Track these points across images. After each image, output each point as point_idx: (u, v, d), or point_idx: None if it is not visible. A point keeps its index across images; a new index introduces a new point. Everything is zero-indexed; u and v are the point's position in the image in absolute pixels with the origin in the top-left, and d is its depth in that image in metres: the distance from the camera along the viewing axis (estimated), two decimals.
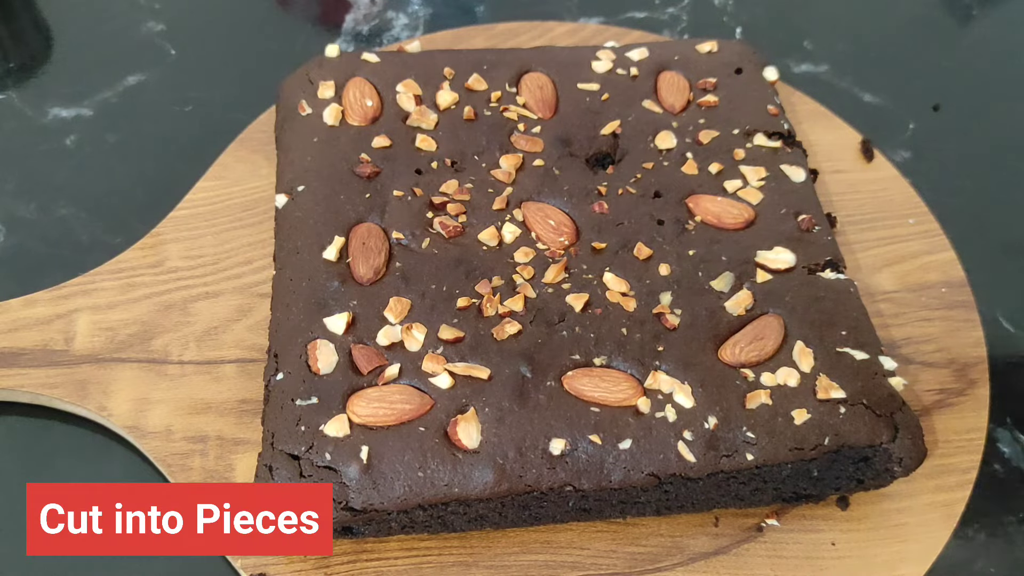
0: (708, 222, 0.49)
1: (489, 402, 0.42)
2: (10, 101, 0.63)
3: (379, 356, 0.43)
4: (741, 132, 0.53)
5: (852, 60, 0.68)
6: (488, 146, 0.51)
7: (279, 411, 0.42)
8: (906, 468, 0.43)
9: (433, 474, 0.40)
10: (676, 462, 0.41)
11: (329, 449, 0.41)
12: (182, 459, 0.45)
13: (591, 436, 0.41)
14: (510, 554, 0.43)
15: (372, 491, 0.40)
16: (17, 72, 0.65)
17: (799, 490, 0.44)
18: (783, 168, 0.52)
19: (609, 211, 0.49)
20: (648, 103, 0.54)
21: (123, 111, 0.62)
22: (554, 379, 0.43)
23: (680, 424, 0.42)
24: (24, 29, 0.68)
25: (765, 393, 0.43)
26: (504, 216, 0.49)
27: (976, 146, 0.63)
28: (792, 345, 0.44)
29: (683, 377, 0.43)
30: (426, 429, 0.41)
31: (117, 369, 0.48)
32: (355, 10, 0.70)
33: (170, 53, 0.65)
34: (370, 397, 0.42)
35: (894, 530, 0.45)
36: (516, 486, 0.41)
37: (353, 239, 0.47)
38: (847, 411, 0.42)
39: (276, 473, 0.41)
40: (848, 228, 0.55)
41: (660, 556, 0.44)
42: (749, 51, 0.57)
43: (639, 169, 0.51)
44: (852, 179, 0.58)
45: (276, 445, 0.41)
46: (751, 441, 0.42)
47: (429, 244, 0.47)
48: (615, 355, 0.44)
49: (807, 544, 0.44)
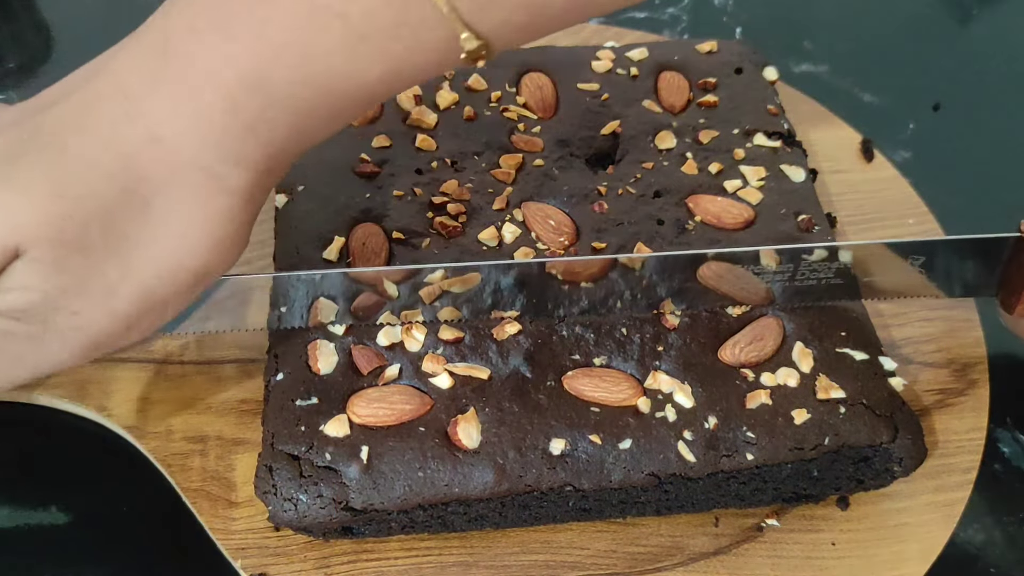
0: (708, 222, 0.49)
1: (489, 402, 0.42)
2: (10, 101, 0.63)
3: (379, 357, 0.43)
4: (741, 132, 0.53)
5: (852, 60, 0.68)
6: (488, 146, 0.51)
7: (279, 411, 0.42)
8: (906, 468, 0.43)
9: (433, 474, 0.40)
10: (676, 462, 0.41)
11: (329, 449, 0.41)
12: (182, 459, 0.45)
13: (591, 436, 0.41)
14: (510, 554, 0.43)
15: (372, 491, 0.40)
16: (17, 72, 0.65)
17: (799, 490, 0.44)
18: (783, 168, 0.52)
19: (609, 211, 0.49)
20: (648, 103, 0.54)
21: None
22: (554, 379, 0.43)
23: (680, 424, 0.42)
24: (24, 29, 0.68)
25: (765, 393, 0.43)
26: (504, 216, 0.49)
27: (976, 146, 0.63)
28: (792, 346, 0.44)
29: (683, 377, 0.43)
30: (426, 429, 0.41)
31: (117, 369, 0.48)
32: None
33: None
34: (370, 397, 0.42)
35: (894, 530, 0.45)
36: (516, 486, 0.41)
37: (353, 239, 0.47)
38: (847, 411, 0.42)
39: (276, 473, 0.41)
40: (848, 228, 0.55)
41: (660, 556, 0.44)
42: (749, 51, 0.57)
43: (639, 169, 0.51)
44: (852, 179, 0.58)
45: (276, 445, 0.41)
46: (751, 441, 0.42)
47: (429, 244, 0.47)
48: (615, 355, 0.44)
49: (807, 544, 0.44)
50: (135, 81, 0.32)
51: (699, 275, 0.44)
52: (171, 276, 0.35)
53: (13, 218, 0.32)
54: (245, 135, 0.33)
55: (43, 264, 0.33)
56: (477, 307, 0.44)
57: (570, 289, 0.44)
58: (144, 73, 0.32)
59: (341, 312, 0.44)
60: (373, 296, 0.43)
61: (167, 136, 0.32)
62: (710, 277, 0.44)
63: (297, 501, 0.40)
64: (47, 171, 0.32)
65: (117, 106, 0.32)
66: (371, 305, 0.44)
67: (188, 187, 0.33)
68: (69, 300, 0.34)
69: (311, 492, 0.40)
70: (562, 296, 0.44)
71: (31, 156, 0.33)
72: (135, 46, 0.33)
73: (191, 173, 0.33)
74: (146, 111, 0.32)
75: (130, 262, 0.34)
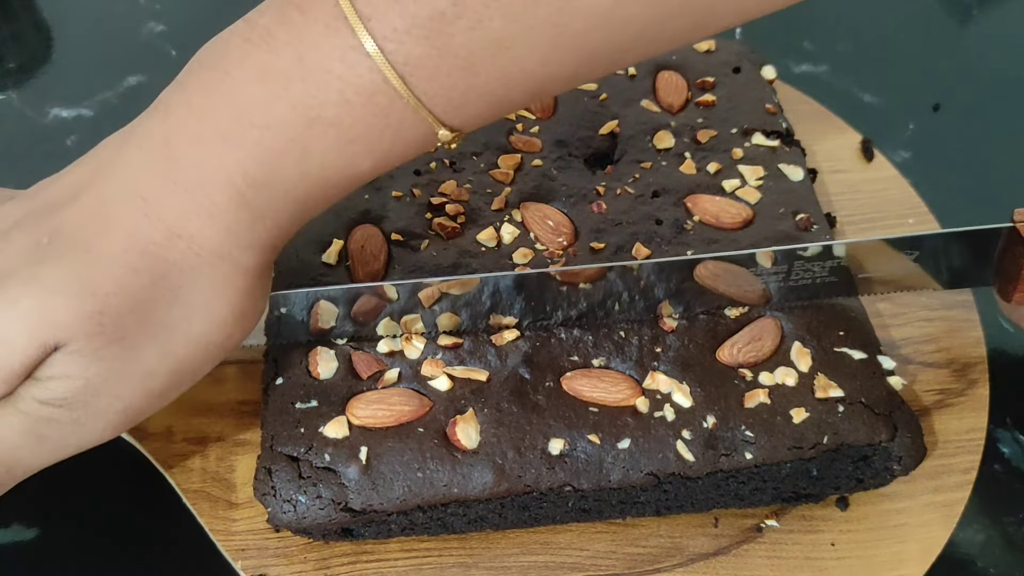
0: (706, 222, 0.49)
1: (488, 403, 0.42)
2: (10, 101, 0.63)
3: (379, 362, 0.43)
4: (739, 131, 0.53)
5: (852, 60, 0.68)
6: (486, 146, 0.51)
7: (278, 415, 0.42)
8: (905, 467, 0.43)
9: (432, 475, 0.41)
10: (675, 461, 0.41)
11: (328, 450, 0.41)
12: (183, 460, 0.45)
13: (590, 436, 0.41)
14: (510, 555, 0.44)
15: (371, 492, 0.40)
16: (17, 72, 0.65)
17: (798, 490, 0.44)
18: (781, 167, 0.52)
19: (608, 211, 0.49)
20: (646, 102, 0.54)
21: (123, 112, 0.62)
22: (553, 380, 0.43)
23: (679, 423, 0.42)
24: (24, 29, 0.68)
25: (763, 392, 0.43)
26: (503, 216, 0.49)
27: (976, 146, 0.63)
28: (790, 345, 0.44)
29: (681, 377, 0.43)
30: (425, 430, 0.41)
31: None
32: None
33: (170, 54, 0.65)
34: (369, 399, 0.42)
35: (894, 530, 0.45)
36: (515, 486, 0.41)
37: (352, 242, 0.47)
38: (846, 410, 0.42)
39: (275, 475, 0.41)
40: (848, 228, 0.55)
41: (660, 557, 0.44)
42: (747, 50, 0.58)
43: (637, 169, 0.51)
44: (852, 179, 0.58)
45: (275, 447, 0.41)
46: (750, 440, 0.42)
47: (428, 245, 0.47)
48: (613, 356, 0.44)
49: (806, 545, 0.44)
50: (148, 184, 0.35)
51: (696, 275, 0.44)
52: (202, 351, 0.38)
53: (51, 317, 0.35)
54: (255, 224, 0.36)
55: (83, 355, 0.36)
56: (476, 310, 0.44)
57: (568, 291, 0.44)
58: (156, 177, 0.35)
59: (341, 316, 0.44)
60: (373, 299, 0.43)
61: (187, 233, 0.35)
62: (707, 276, 0.44)
63: (296, 502, 0.40)
64: (76, 272, 0.35)
65: (135, 208, 0.35)
66: (371, 309, 0.44)
67: (210, 273, 0.37)
68: (110, 385, 0.37)
69: (310, 493, 0.40)
70: (560, 298, 0.44)
71: (57, 259, 0.35)
72: (140, 148, 0.36)
73: (212, 260, 0.36)
74: (164, 212, 0.35)
75: (164, 344, 0.37)
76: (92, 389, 0.37)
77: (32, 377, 0.36)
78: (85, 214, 0.36)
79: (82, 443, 0.39)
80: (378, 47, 0.33)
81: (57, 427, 0.37)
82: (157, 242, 0.36)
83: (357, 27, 0.33)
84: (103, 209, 0.36)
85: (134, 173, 0.36)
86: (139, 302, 0.36)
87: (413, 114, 0.35)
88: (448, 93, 0.35)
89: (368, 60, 0.33)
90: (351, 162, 0.36)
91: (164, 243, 0.36)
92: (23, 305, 0.35)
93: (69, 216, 0.36)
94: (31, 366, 0.36)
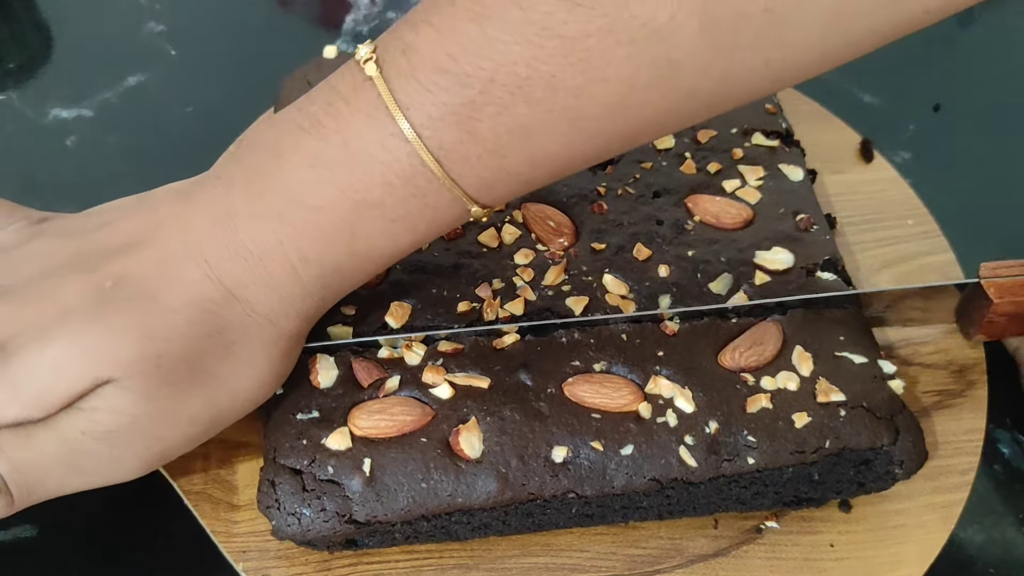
0: (707, 222, 0.49)
1: (490, 411, 0.42)
2: (10, 101, 0.63)
3: (379, 369, 0.43)
4: (739, 131, 0.53)
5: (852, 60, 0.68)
6: None
7: (280, 425, 0.42)
8: (907, 471, 0.43)
9: (436, 484, 0.41)
10: (677, 467, 0.41)
11: (331, 462, 0.41)
12: (184, 462, 0.45)
13: (593, 443, 0.41)
14: (510, 557, 0.44)
15: (376, 503, 0.40)
16: (17, 72, 0.65)
17: (800, 494, 0.44)
18: (781, 167, 0.52)
19: (608, 211, 0.49)
20: None
21: (123, 111, 0.62)
22: (554, 386, 0.43)
23: (681, 429, 0.42)
24: (24, 29, 0.68)
25: (765, 397, 0.43)
26: (504, 217, 0.49)
27: (976, 146, 0.63)
28: (791, 350, 0.44)
29: (683, 382, 0.43)
30: (428, 440, 0.41)
31: None
32: (355, 11, 0.70)
33: (170, 53, 0.65)
34: (371, 409, 0.42)
35: (893, 532, 0.45)
36: (519, 494, 0.41)
37: None
38: (847, 414, 0.43)
39: (279, 488, 0.41)
40: (847, 229, 0.55)
41: (659, 558, 0.44)
42: None
43: (638, 169, 0.51)
44: (851, 180, 0.58)
45: (278, 459, 0.41)
46: (752, 445, 0.42)
47: (429, 247, 0.47)
48: (615, 361, 0.44)
49: (806, 546, 0.44)
50: (211, 250, 0.39)
51: None
52: (240, 403, 0.41)
53: (113, 354, 0.37)
54: (304, 296, 0.40)
55: (135, 392, 0.38)
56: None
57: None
58: (219, 245, 0.39)
59: None
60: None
61: (243, 297, 0.39)
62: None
63: (300, 515, 0.40)
64: (140, 318, 0.38)
65: (199, 269, 0.38)
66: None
67: (259, 334, 0.40)
68: (155, 425, 0.39)
69: (314, 506, 0.40)
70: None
71: (122, 302, 0.38)
72: (204, 215, 0.39)
73: (262, 323, 0.40)
74: (224, 276, 0.38)
75: (211, 394, 0.40)
76: (138, 427, 0.38)
77: (75, 407, 0.38)
78: (150, 266, 0.39)
79: (111, 478, 0.41)
80: (416, 133, 0.36)
81: (94, 460, 0.39)
82: (216, 300, 0.39)
83: (397, 116, 0.36)
84: (168, 265, 0.39)
85: (198, 237, 0.39)
86: (194, 352, 0.39)
87: (448, 194, 0.38)
88: (480, 174, 0.37)
89: (407, 145, 0.36)
90: (393, 239, 0.39)
91: (222, 302, 0.39)
92: (86, 340, 0.37)
93: (132, 266, 0.39)
94: (75, 397, 0.37)
